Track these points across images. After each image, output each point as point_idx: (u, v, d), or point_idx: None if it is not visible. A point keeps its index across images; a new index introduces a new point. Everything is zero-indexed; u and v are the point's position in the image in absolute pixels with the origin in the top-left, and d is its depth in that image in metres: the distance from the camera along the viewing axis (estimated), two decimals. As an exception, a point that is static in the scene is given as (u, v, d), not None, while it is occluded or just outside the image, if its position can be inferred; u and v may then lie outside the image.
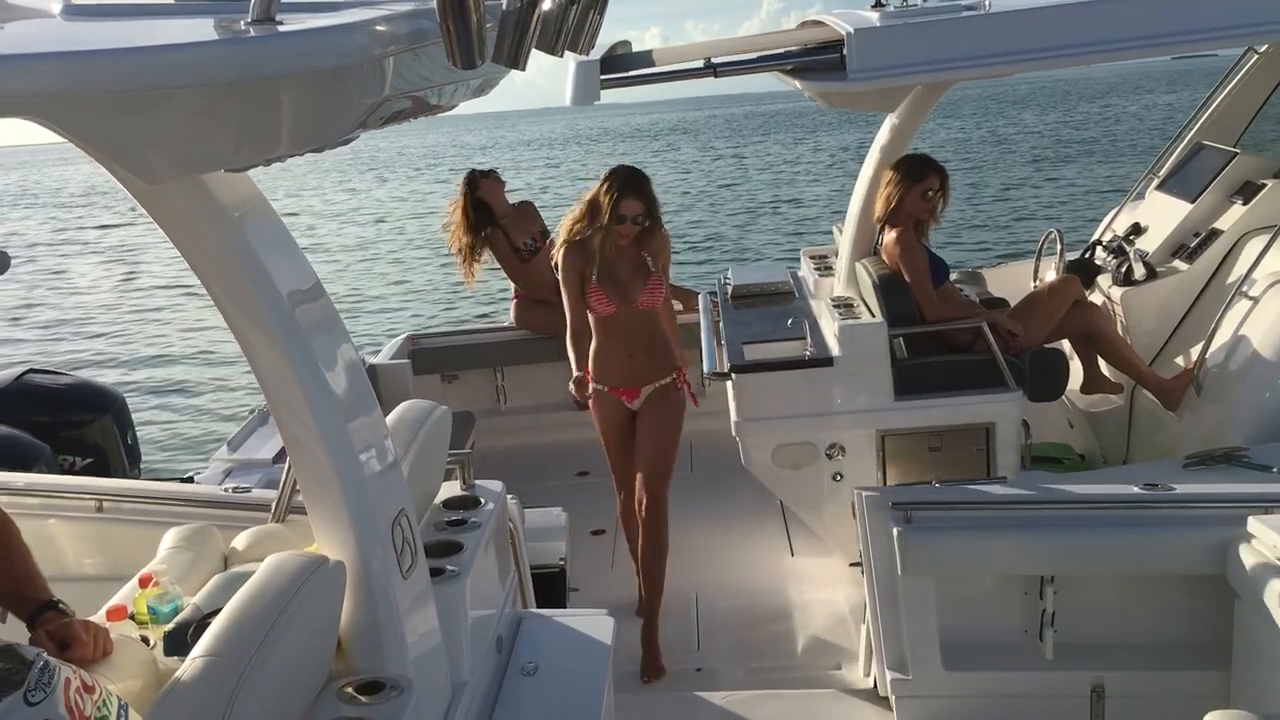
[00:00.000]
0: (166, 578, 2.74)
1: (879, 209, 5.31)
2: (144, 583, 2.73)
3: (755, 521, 5.65)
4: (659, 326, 4.74)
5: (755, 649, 4.62)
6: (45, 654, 1.88)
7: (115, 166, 1.67)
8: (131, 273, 25.25)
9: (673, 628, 4.70)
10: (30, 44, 1.52)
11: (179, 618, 2.57)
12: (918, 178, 5.19)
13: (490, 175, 6.79)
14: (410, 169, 59.00)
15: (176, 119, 1.55)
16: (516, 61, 1.68)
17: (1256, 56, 6.10)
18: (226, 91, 1.52)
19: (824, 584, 5.11)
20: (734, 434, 4.91)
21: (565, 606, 4.09)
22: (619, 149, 64.73)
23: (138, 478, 5.77)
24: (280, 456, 5.09)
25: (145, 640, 2.59)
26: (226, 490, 3.89)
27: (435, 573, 2.56)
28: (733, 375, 4.87)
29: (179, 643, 2.47)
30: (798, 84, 5.20)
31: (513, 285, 7.01)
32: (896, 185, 5.23)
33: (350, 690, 2.11)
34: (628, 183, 4.53)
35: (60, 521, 3.77)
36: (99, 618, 2.69)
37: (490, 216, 6.71)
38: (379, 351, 6.94)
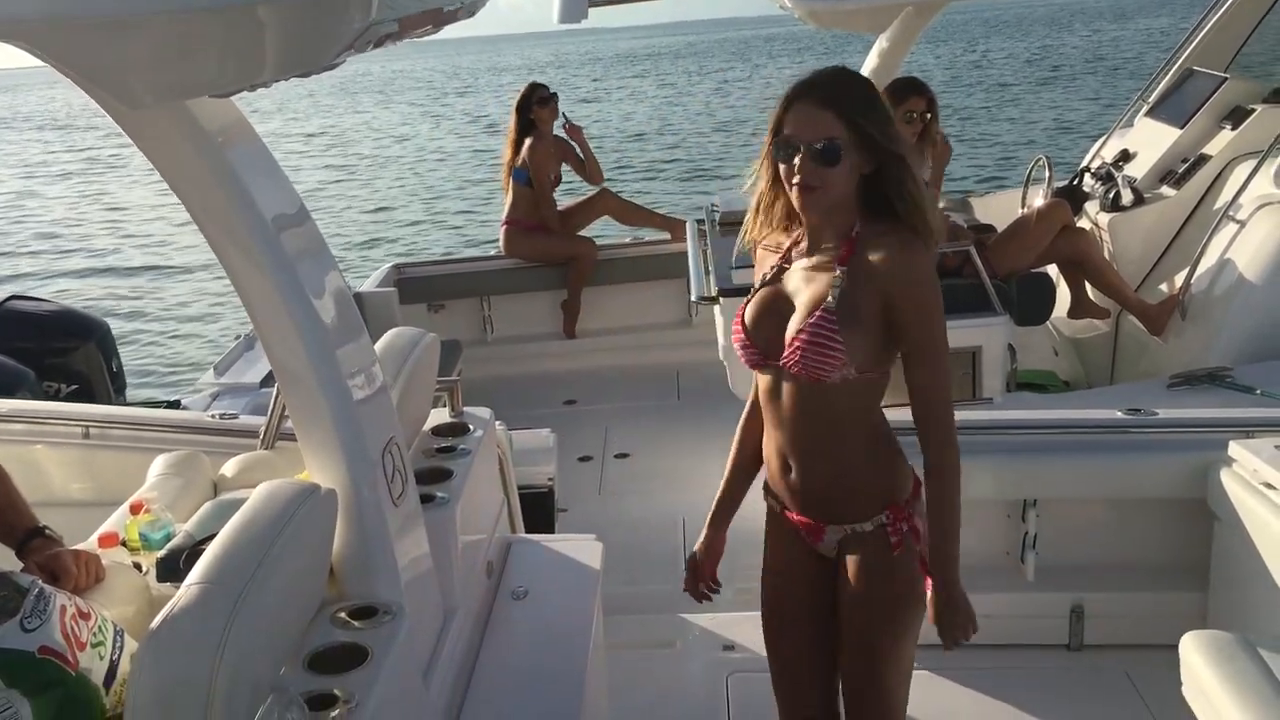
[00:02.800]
0: (157, 505, 2.75)
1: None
2: (135, 509, 2.75)
3: None
4: (841, 415, 2.41)
5: (741, 571, 4.64)
6: (40, 581, 1.89)
7: (98, 91, 1.65)
8: (114, 198, 24.99)
9: (660, 551, 4.74)
10: None
11: (171, 544, 2.59)
12: (899, 100, 5.14)
13: (548, 104, 6.81)
14: (391, 94, 58.19)
15: (159, 44, 1.52)
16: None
17: (1248, -20, 6.05)
18: (209, 15, 1.49)
19: None
20: (721, 358, 4.92)
21: (553, 526, 4.12)
22: (609, 72, 63.94)
23: (124, 404, 5.76)
24: (267, 381, 5.09)
25: (137, 566, 2.62)
26: (214, 416, 3.89)
27: (425, 499, 2.57)
28: (720, 299, 4.86)
29: (172, 569, 2.49)
30: (788, 3, 5.14)
31: (504, 210, 6.99)
32: None
33: (344, 615, 2.13)
34: (802, 85, 2.32)
35: (47, 448, 3.78)
36: (90, 544, 2.71)
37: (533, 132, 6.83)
38: (365, 280, 6.91)
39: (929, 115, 5.13)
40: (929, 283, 2.32)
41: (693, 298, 5.11)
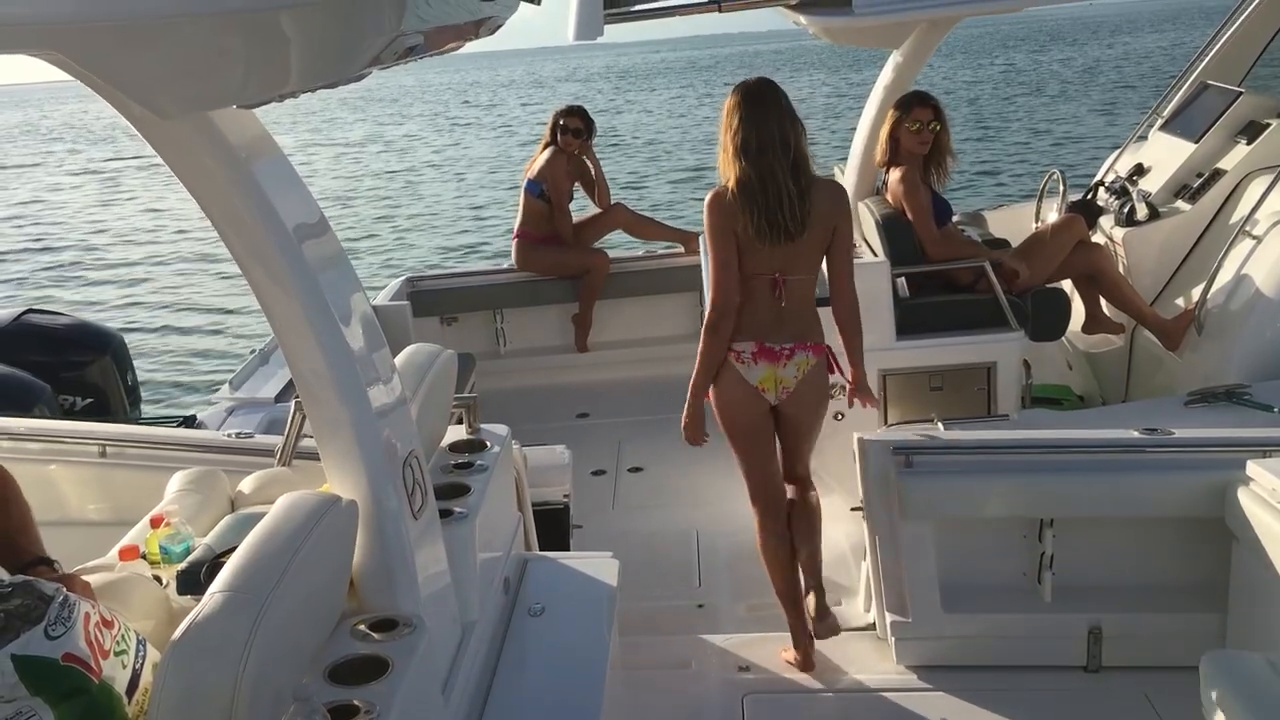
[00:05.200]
0: (177, 518, 2.75)
1: (879, 151, 5.29)
2: (155, 523, 2.75)
3: None
4: None
5: (755, 586, 4.65)
6: (64, 589, 1.89)
7: (126, 101, 1.65)
8: (130, 212, 25.11)
9: (674, 566, 4.74)
10: None
11: (191, 557, 2.59)
12: (905, 112, 5.16)
13: (579, 136, 6.84)
14: (402, 107, 58.44)
15: (187, 53, 1.53)
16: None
17: (1263, -6, 6.04)
18: (237, 23, 1.49)
19: (824, 522, 5.14)
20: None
21: (568, 543, 4.12)
22: (619, 86, 64.15)
23: (139, 418, 5.78)
24: (283, 396, 5.09)
25: (158, 579, 2.62)
26: (229, 435, 3.89)
27: (444, 514, 2.57)
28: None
29: (192, 582, 2.49)
30: (802, 19, 5.15)
31: (516, 224, 7.01)
32: (890, 122, 5.21)
33: (363, 627, 2.12)
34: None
35: (62, 467, 3.77)
36: (111, 557, 2.71)
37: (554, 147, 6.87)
38: (378, 293, 6.92)
39: (936, 126, 5.13)
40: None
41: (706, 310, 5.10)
